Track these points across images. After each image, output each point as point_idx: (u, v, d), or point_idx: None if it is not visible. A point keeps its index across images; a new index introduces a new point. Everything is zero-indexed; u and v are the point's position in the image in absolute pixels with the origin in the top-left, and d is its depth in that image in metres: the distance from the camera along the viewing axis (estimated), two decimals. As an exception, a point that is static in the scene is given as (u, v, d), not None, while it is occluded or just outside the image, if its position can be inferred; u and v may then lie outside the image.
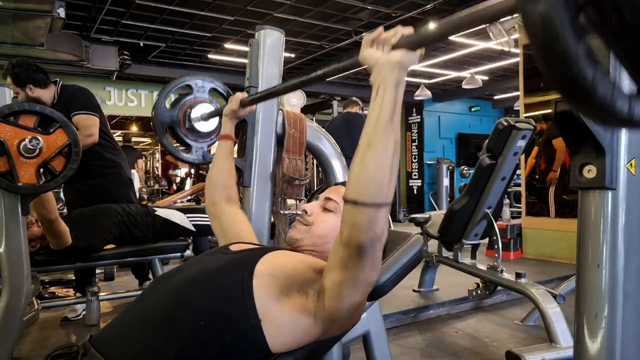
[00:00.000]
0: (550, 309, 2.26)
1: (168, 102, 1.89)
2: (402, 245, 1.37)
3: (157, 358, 0.88)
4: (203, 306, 0.93)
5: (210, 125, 1.88)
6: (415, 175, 10.48)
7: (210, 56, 7.41)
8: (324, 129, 1.89)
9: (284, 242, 1.43)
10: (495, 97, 11.13)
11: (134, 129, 11.28)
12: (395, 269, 1.31)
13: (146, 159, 8.40)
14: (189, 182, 8.68)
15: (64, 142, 2.02)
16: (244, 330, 0.89)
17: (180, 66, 7.81)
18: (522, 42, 5.15)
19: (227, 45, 6.93)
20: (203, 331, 0.89)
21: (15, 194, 1.95)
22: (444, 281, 3.55)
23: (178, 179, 9.62)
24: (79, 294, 3.06)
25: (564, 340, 2.15)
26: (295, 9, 5.61)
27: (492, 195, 2.74)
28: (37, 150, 1.94)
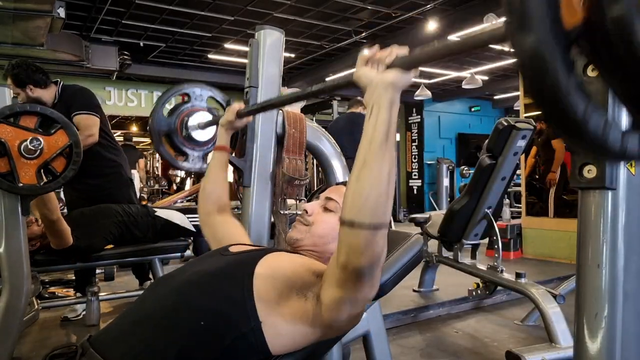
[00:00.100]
0: (550, 309, 2.26)
1: (165, 110, 1.89)
2: (402, 245, 1.37)
3: (157, 358, 0.88)
4: (203, 306, 0.93)
5: (208, 134, 1.88)
6: (415, 175, 10.48)
7: (210, 56, 7.40)
8: (324, 129, 1.89)
9: (284, 242, 1.43)
10: (495, 97, 11.14)
11: (134, 129, 11.30)
12: (395, 269, 1.31)
13: (146, 159, 8.40)
14: (189, 182, 8.67)
15: (64, 143, 2.02)
16: (244, 331, 0.89)
17: (180, 66, 7.81)
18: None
19: (227, 45, 6.94)
20: (203, 331, 0.89)
21: (15, 195, 1.95)
22: (444, 281, 3.55)
23: (178, 179, 9.60)
24: (79, 294, 3.06)
25: (564, 340, 2.15)
26: (295, 9, 5.61)
27: (492, 195, 2.74)
28: (37, 151, 1.94)
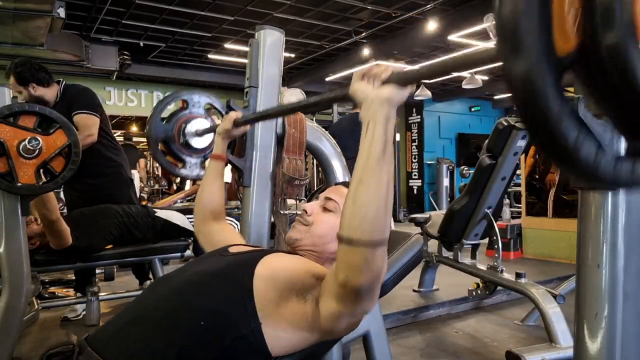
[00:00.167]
0: (550, 309, 2.26)
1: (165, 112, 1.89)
2: (402, 245, 1.37)
3: (157, 358, 0.88)
4: (203, 306, 0.93)
5: (205, 141, 1.88)
6: (415, 175, 10.49)
7: (210, 56, 7.41)
8: (324, 129, 1.89)
9: (284, 242, 1.43)
10: (495, 97, 11.15)
11: (134, 129, 11.31)
12: (395, 269, 1.32)
13: (146, 159, 8.39)
14: (188, 182, 8.66)
15: (63, 143, 2.02)
16: (244, 332, 0.89)
17: (180, 66, 7.81)
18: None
19: (227, 45, 6.94)
20: (203, 331, 0.89)
21: (14, 195, 1.95)
22: (444, 281, 3.55)
23: (178, 179, 9.60)
24: (79, 294, 3.06)
25: (564, 340, 2.15)
26: (295, 9, 5.62)
27: (492, 195, 2.74)
28: (36, 151, 1.94)
